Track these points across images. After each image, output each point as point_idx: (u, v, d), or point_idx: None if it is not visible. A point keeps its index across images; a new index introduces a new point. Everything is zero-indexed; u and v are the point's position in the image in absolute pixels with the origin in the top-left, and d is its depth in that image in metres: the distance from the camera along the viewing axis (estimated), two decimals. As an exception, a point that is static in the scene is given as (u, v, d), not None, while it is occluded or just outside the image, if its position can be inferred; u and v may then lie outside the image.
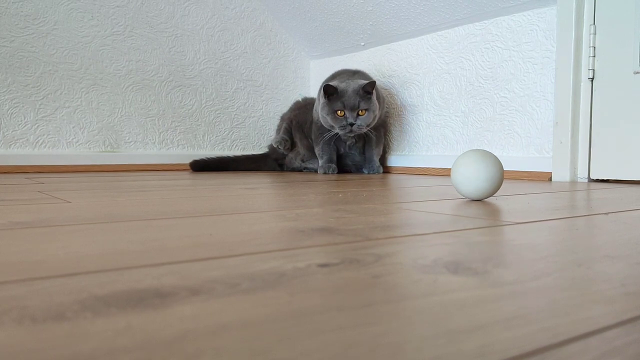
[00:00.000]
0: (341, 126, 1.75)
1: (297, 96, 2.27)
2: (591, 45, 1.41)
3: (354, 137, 1.84)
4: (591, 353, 0.23)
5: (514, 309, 0.29)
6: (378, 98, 1.84)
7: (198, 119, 2.15)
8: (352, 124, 1.74)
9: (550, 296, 0.32)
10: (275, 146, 2.00)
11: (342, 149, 1.91)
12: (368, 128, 1.79)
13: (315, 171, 1.94)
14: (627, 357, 0.23)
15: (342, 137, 1.82)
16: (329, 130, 1.83)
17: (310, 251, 0.45)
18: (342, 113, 1.75)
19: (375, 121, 1.82)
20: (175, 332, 0.25)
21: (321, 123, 1.85)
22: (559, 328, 0.26)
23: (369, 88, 1.74)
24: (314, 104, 1.98)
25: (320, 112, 1.81)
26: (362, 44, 2.11)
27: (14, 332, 0.25)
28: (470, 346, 0.23)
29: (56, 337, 0.24)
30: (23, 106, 1.82)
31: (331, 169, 1.84)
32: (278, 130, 2.09)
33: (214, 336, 0.24)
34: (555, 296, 0.32)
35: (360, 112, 1.75)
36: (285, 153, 2.01)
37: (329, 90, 1.74)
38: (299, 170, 2.01)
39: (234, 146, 2.24)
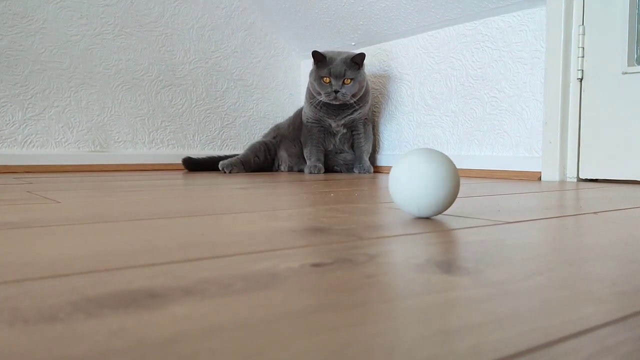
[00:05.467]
0: (326, 93, 1.77)
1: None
2: (580, 45, 1.42)
3: (343, 125, 1.86)
4: (583, 352, 0.23)
5: (507, 309, 0.29)
6: (367, 87, 1.87)
7: (188, 119, 2.14)
8: (336, 92, 1.75)
9: (542, 296, 0.32)
10: (220, 168, 1.82)
11: (331, 145, 1.91)
12: (354, 99, 1.80)
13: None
14: (618, 356, 0.23)
15: (328, 102, 1.80)
16: (318, 131, 1.85)
17: (303, 251, 0.45)
18: (328, 80, 1.76)
19: (362, 93, 1.83)
20: (169, 333, 0.25)
21: (310, 125, 1.87)
22: (551, 327, 0.26)
23: (357, 60, 1.77)
24: (291, 120, 2.00)
25: (309, 79, 1.84)
26: (353, 43, 2.11)
27: (6, 334, 0.25)
28: (464, 346, 0.24)
29: (49, 339, 0.24)
30: (11, 105, 1.80)
31: (317, 169, 1.83)
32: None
33: (208, 337, 0.24)
34: (547, 296, 0.32)
35: (345, 81, 1.76)
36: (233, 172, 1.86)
37: (317, 57, 1.77)
38: (290, 170, 2.01)
39: (224, 146, 2.23)
